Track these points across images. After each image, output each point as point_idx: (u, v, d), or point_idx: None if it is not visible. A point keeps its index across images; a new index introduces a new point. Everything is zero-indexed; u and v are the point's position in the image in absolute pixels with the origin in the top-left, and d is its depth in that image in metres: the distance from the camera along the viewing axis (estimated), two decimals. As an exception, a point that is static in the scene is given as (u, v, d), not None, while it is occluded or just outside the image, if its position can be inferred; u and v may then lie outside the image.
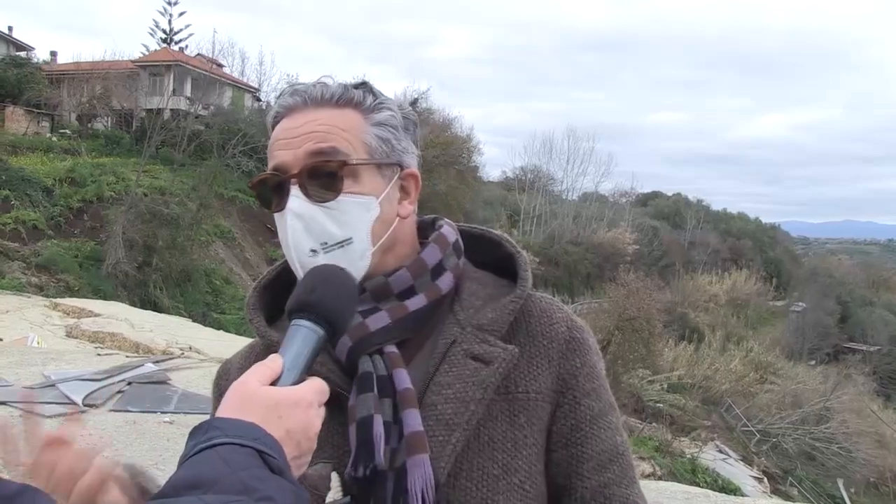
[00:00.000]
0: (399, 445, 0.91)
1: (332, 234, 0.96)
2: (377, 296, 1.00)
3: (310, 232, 0.96)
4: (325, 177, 0.96)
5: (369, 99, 1.01)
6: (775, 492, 19.76)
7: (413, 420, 0.91)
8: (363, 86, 1.02)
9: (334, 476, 0.93)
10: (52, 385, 7.15)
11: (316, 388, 0.80)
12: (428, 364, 0.98)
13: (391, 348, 0.97)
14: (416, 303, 1.00)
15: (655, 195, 71.49)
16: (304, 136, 0.97)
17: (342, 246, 0.97)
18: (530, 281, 1.05)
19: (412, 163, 1.04)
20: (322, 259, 0.96)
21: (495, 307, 1.02)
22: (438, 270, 1.03)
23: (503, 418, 0.97)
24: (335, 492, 0.92)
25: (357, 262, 0.97)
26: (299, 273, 0.98)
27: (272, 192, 0.99)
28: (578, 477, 1.00)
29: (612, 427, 1.03)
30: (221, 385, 1.11)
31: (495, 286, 1.07)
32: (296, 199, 0.96)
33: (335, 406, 0.95)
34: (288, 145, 0.98)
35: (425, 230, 1.09)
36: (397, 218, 1.02)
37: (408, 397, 0.93)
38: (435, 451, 0.92)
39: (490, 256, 1.11)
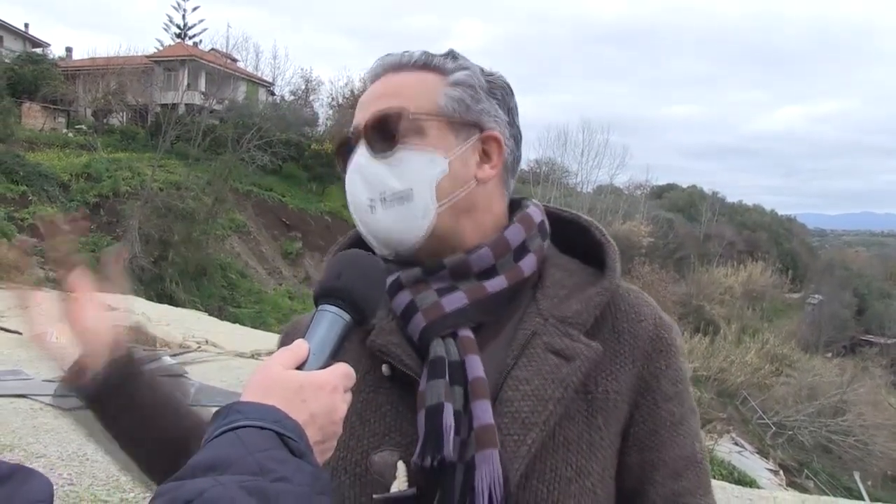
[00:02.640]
0: (469, 437, 0.87)
1: (389, 185, 0.95)
2: (456, 274, 0.96)
3: (367, 183, 0.96)
4: (386, 130, 0.95)
5: (450, 63, 1.00)
6: (791, 484, 19.64)
7: (483, 412, 0.87)
8: (448, 53, 1.02)
9: (401, 465, 0.90)
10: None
11: (342, 373, 0.79)
12: (505, 354, 0.93)
13: (466, 332, 0.93)
14: (496, 284, 0.95)
15: (670, 187, 70.92)
16: (377, 98, 0.98)
17: (401, 200, 0.94)
18: (619, 272, 1.00)
19: (496, 127, 1.00)
20: (380, 213, 0.95)
21: (581, 298, 0.96)
22: (521, 251, 0.98)
23: (580, 418, 0.92)
24: (401, 481, 0.89)
25: (419, 220, 0.95)
26: (361, 230, 0.98)
27: (346, 154, 1.00)
28: (651, 483, 0.95)
29: (690, 433, 0.97)
30: (289, 340, 1.11)
31: (582, 275, 1.01)
32: (360, 156, 0.97)
33: (406, 390, 0.93)
34: (363, 107, 0.99)
35: (513, 210, 1.05)
36: (473, 181, 0.97)
37: (479, 387, 0.89)
38: (510, 450, 0.87)
39: (577, 242, 1.06)
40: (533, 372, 0.91)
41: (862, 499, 16.16)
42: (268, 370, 0.76)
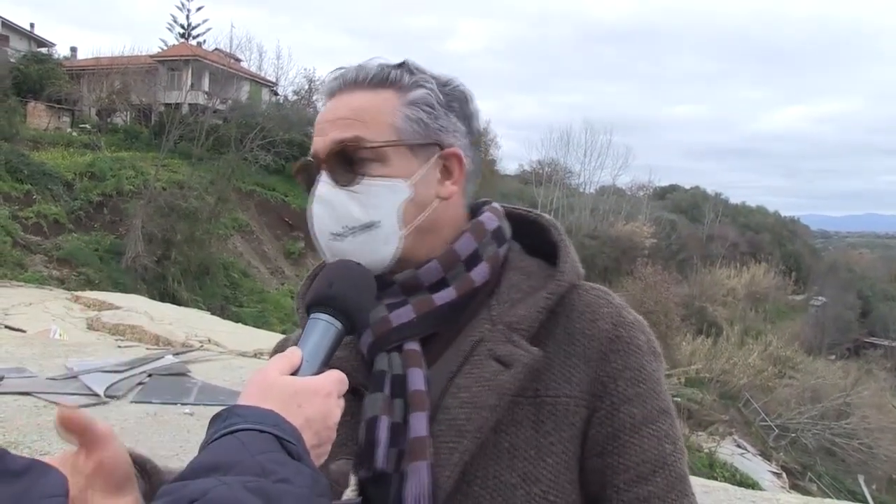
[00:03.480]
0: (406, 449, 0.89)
1: (355, 217, 0.94)
2: (406, 289, 0.96)
3: (334, 215, 0.95)
4: (347, 161, 0.95)
5: (406, 77, 0.98)
6: (794, 487, 19.60)
7: (418, 424, 0.88)
8: (402, 65, 0.99)
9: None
10: (75, 377, 7.25)
11: (335, 379, 0.80)
12: (453, 362, 0.94)
13: (412, 345, 0.94)
14: (445, 296, 0.95)
15: (673, 188, 70.85)
16: (332, 122, 0.97)
17: (367, 230, 0.94)
18: (571, 274, 0.98)
19: (455, 141, 0.99)
20: (347, 243, 0.95)
21: (529, 303, 0.95)
22: (474, 260, 0.98)
23: (528, 423, 0.90)
24: (352, 489, 0.91)
25: (383, 247, 0.95)
26: (327, 258, 0.98)
27: (309, 178, 0.99)
28: (614, 489, 0.92)
29: (658, 435, 0.93)
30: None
31: (539, 277, 0.99)
32: (323, 185, 0.96)
33: (362, 401, 0.94)
34: (320, 131, 0.98)
35: (475, 215, 1.04)
36: (436, 200, 0.98)
37: (417, 399, 0.90)
38: (443, 457, 0.88)
39: (543, 243, 1.05)
40: (473, 379, 0.91)
41: (866, 502, 16.13)
42: (264, 375, 0.78)
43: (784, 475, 20.75)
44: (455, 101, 1.00)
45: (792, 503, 7.21)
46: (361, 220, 0.94)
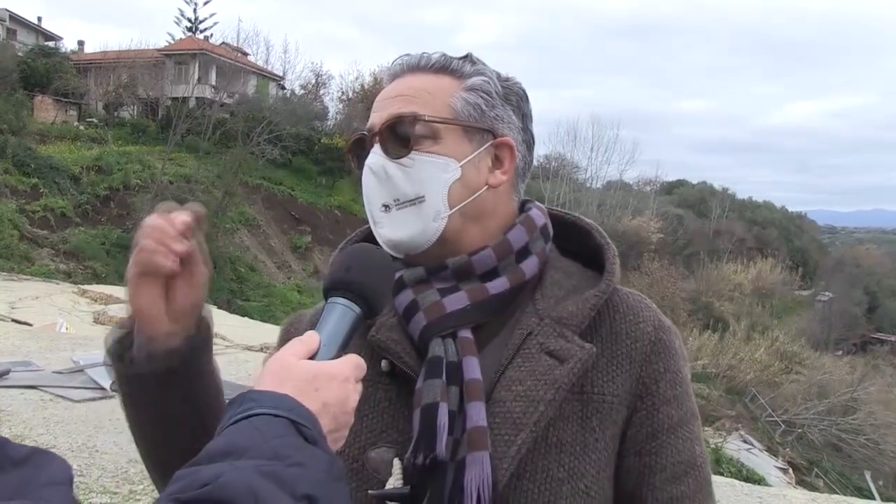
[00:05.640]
0: (462, 437, 0.89)
1: (404, 191, 0.96)
2: (459, 274, 0.98)
3: (383, 187, 0.97)
4: (401, 134, 0.96)
5: (467, 67, 1.01)
6: (800, 483, 19.57)
7: (477, 414, 0.88)
8: (465, 57, 1.03)
9: (396, 462, 0.92)
10: (81, 370, 7.27)
11: (354, 363, 0.80)
12: (500, 354, 0.95)
13: (465, 333, 0.95)
14: (498, 286, 0.97)
15: (680, 183, 70.69)
16: (392, 98, 0.99)
17: (415, 204, 0.96)
18: (618, 275, 1.01)
19: (509, 133, 1.01)
20: (394, 215, 0.97)
21: (577, 300, 0.97)
22: (524, 253, 1.00)
23: (575, 419, 0.92)
24: (396, 478, 0.91)
25: (430, 223, 0.96)
26: (374, 229, 1.00)
27: (360, 152, 1.01)
28: (649, 487, 0.95)
29: (691, 437, 0.97)
30: (290, 333, 1.06)
31: (581, 277, 1.03)
32: (374, 156, 0.98)
33: (403, 387, 0.95)
34: (378, 108, 1.00)
35: (521, 212, 1.07)
36: (486, 186, 0.99)
37: (474, 388, 0.90)
38: (499, 450, 0.88)
39: (578, 245, 1.07)
40: (526, 372, 0.92)
41: (873, 498, 16.09)
42: (281, 360, 0.77)
43: (790, 471, 20.69)
44: (513, 95, 1.03)
45: (799, 499, 7.18)
46: (409, 193, 0.96)
